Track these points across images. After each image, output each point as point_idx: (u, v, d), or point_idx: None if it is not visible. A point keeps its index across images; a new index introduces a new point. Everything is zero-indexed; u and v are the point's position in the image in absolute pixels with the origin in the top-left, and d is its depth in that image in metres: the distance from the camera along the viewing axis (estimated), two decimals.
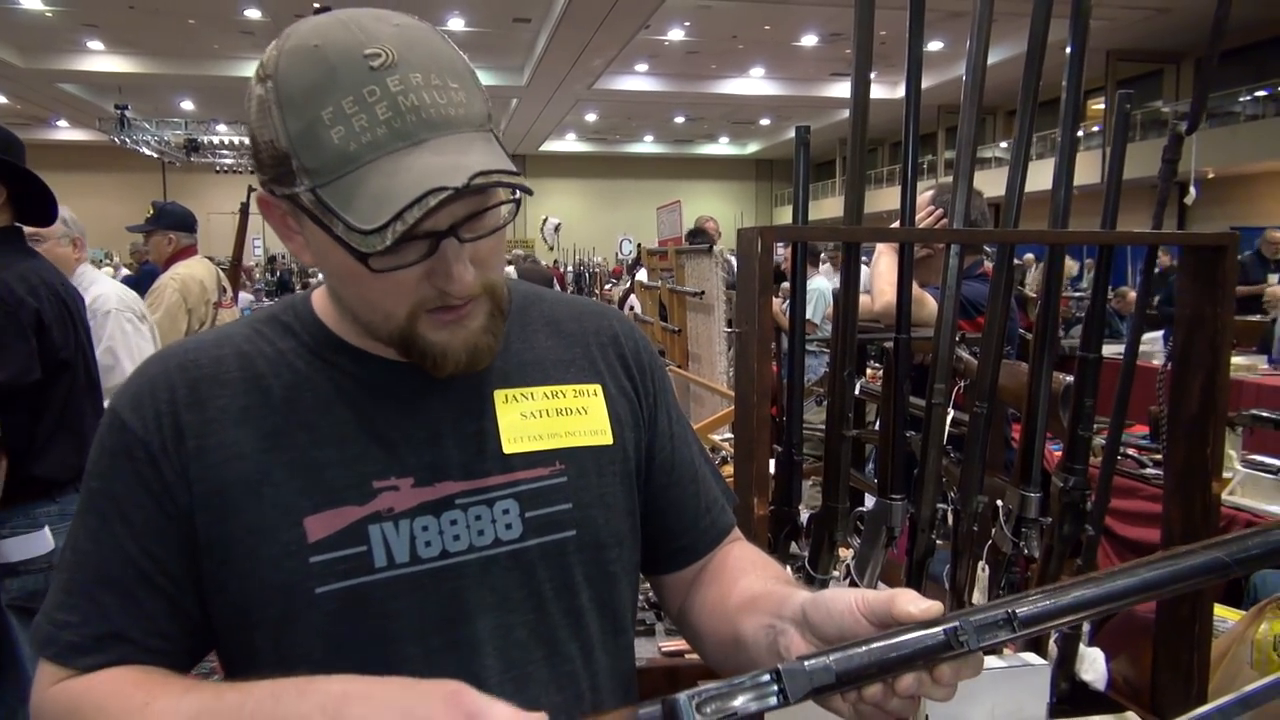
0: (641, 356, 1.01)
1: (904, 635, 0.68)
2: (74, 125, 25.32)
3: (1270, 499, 3.05)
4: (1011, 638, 0.68)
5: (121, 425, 0.83)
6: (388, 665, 0.77)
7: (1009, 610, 0.68)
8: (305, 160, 0.73)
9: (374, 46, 0.73)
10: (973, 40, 1.31)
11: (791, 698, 0.66)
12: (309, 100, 0.73)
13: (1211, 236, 1.36)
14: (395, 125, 0.72)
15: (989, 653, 1.50)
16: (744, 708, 0.65)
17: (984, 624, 0.68)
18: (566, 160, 30.84)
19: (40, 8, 15.96)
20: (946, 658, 0.68)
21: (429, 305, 0.80)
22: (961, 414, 1.50)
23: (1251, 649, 1.68)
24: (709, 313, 3.66)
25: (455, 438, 0.87)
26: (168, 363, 0.86)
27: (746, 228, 1.21)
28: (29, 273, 2.38)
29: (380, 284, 0.77)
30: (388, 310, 0.80)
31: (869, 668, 0.67)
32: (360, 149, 0.72)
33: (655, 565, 1.03)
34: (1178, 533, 1.44)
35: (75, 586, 0.82)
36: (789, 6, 15.62)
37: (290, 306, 0.92)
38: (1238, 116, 17.38)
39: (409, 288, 0.78)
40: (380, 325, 0.82)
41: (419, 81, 0.73)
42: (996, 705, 1.37)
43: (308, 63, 0.74)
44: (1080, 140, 10.32)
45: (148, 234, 4.33)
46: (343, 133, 0.72)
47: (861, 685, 0.68)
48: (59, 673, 0.81)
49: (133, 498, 0.81)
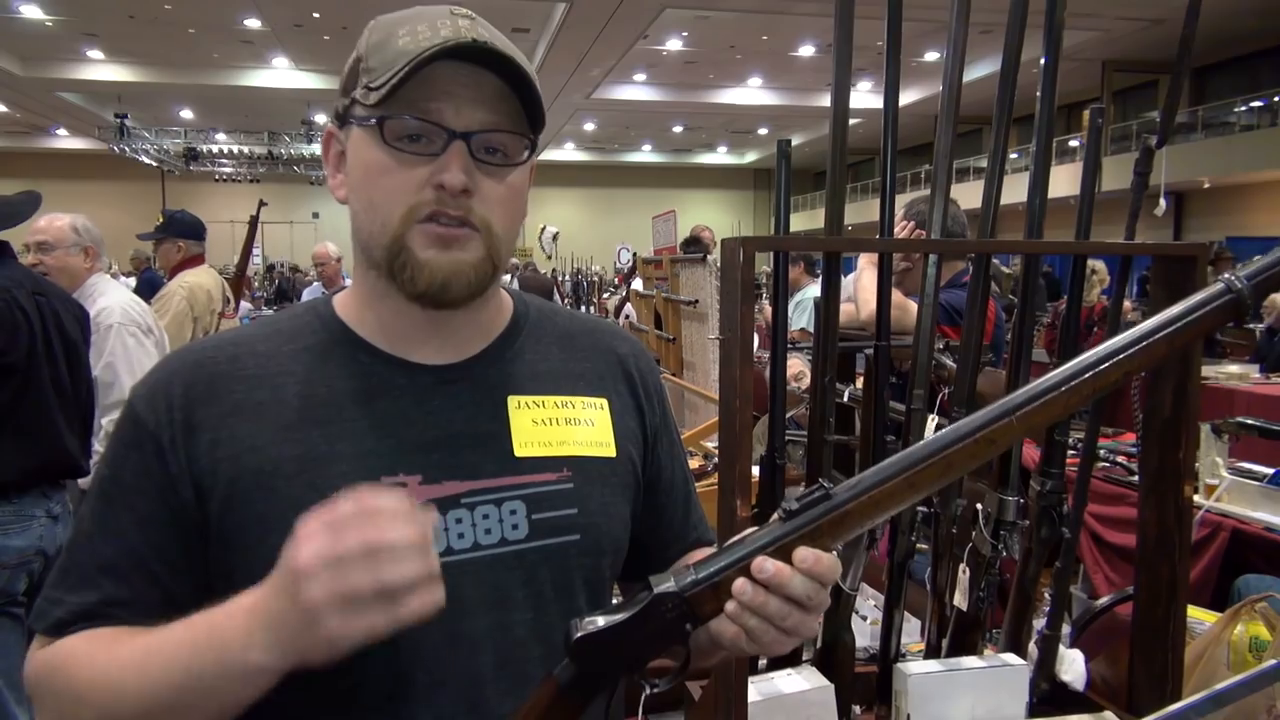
0: (648, 379, 1.05)
1: None
2: (73, 134, 25.36)
3: (1256, 505, 3.08)
4: (829, 506, 0.76)
5: (135, 418, 0.87)
6: (386, 656, 0.81)
7: (821, 481, 0.78)
8: (370, 60, 0.85)
9: (461, 7, 0.88)
10: (948, 58, 1.35)
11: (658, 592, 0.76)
12: (395, 24, 0.86)
13: (1181, 247, 1.40)
14: (451, 41, 0.83)
15: (970, 653, 1.53)
16: (619, 616, 0.76)
17: (803, 495, 0.77)
18: (565, 169, 30.89)
19: (41, 17, 16.02)
20: (788, 539, 0.76)
21: (423, 211, 0.84)
22: (944, 419, 1.54)
23: (1228, 650, 1.71)
24: (703, 321, 3.69)
25: (467, 438, 0.90)
26: (185, 359, 0.90)
27: (729, 238, 1.25)
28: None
29: (389, 180, 0.85)
30: (387, 213, 0.85)
31: (724, 566, 0.76)
32: (417, 48, 0.83)
33: (640, 572, 1.06)
34: (1153, 534, 1.47)
35: (74, 566, 0.86)
36: (786, 17, 15.70)
37: (311, 308, 0.96)
38: (1233, 127, 17.45)
39: (412, 187, 0.84)
40: (377, 237, 0.86)
41: (487, 28, 0.87)
42: (976, 705, 1.41)
43: (398, 12, 0.88)
44: (1075, 150, 10.34)
45: (157, 241, 4.37)
46: (408, 40, 0.84)
47: (721, 580, 0.76)
48: (46, 641, 0.85)
49: (138, 486, 0.85)
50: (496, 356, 0.96)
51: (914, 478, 0.76)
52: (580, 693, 0.76)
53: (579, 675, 0.76)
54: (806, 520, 0.75)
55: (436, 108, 0.83)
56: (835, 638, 1.48)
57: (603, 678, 0.77)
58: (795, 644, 0.79)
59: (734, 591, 0.75)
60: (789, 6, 14.84)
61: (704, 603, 0.76)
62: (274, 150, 23.07)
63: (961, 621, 1.55)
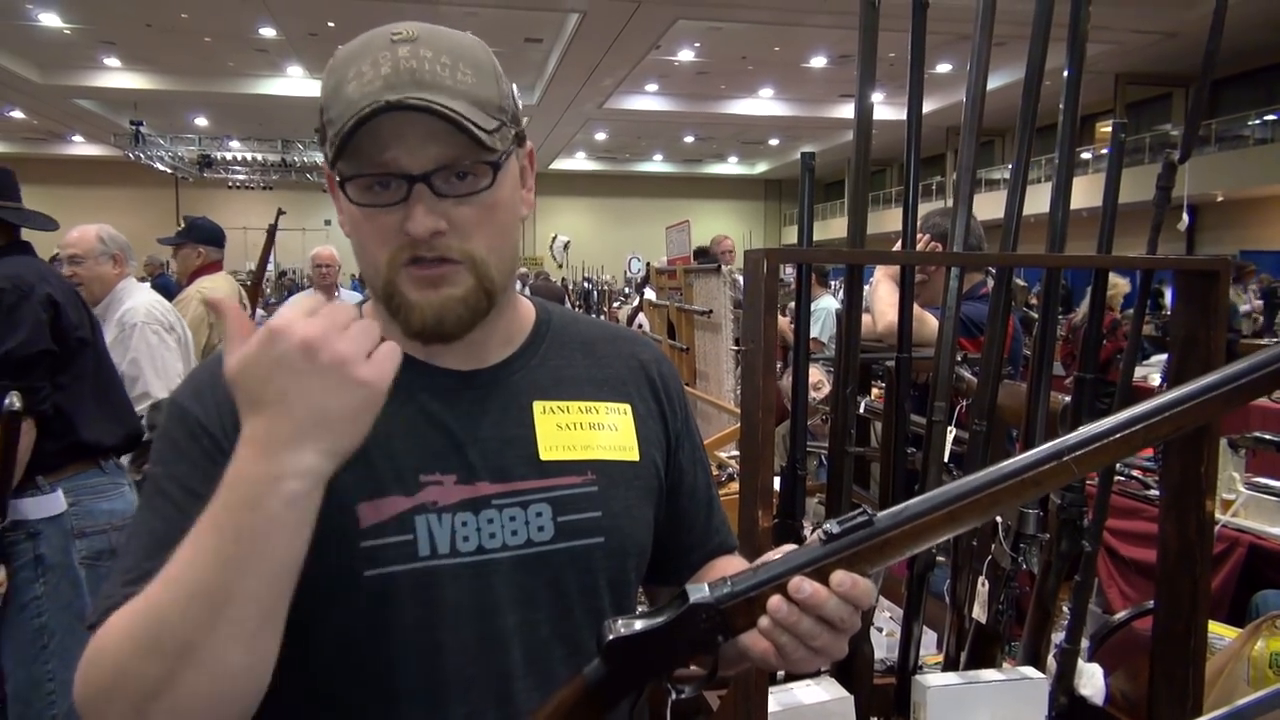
0: (670, 384, 1.06)
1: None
2: (89, 140, 25.55)
3: (1273, 520, 3.07)
4: (871, 532, 0.76)
5: (184, 413, 0.87)
6: (424, 651, 0.82)
7: (864, 507, 0.77)
8: (329, 113, 0.85)
9: (402, 29, 0.86)
10: (972, 68, 1.36)
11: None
12: (342, 65, 0.86)
13: (1204, 261, 1.40)
14: (391, 80, 0.82)
15: (989, 666, 1.52)
16: (653, 623, 0.76)
17: (845, 519, 0.76)
18: (576, 179, 30.96)
19: (59, 25, 16.16)
20: (826, 561, 0.76)
21: (403, 256, 0.85)
22: (963, 432, 1.54)
23: (1248, 666, 1.70)
24: (717, 331, 3.69)
25: (496, 442, 0.91)
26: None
27: (753, 249, 1.26)
28: (39, 265, 2.64)
29: (367, 227, 0.86)
30: (374, 258, 0.87)
31: (760, 582, 0.76)
32: (360, 96, 0.82)
33: (663, 575, 1.07)
34: (1174, 548, 1.47)
35: (132, 565, 0.83)
36: (798, 29, 15.72)
37: None
38: (1247, 140, 17.40)
39: (388, 233, 0.85)
40: (373, 279, 0.88)
41: (427, 55, 0.84)
42: (994, 718, 1.40)
43: (354, 42, 0.88)
44: (1089, 163, 10.27)
45: (177, 247, 4.41)
46: (353, 87, 0.83)
47: (756, 595, 0.76)
48: None
49: (198, 474, 0.83)
50: (521, 363, 0.97)
51: (957, 512, 0.76)
52: (607, 693, 0.77)
53: (608, 676, 0.77)
54: (847, 544, 0.76)
55: (391, 156, 0.83)
56: (854, 649, 1.48)
57: (631, 681, 0.78)
58: (823, 664, 0.80)
59: (769, 608, 0.75)
60: (801, 18, 14.87)
61: (738, 616, 0.76)
62: (287, 158, 23.18)
63: (980, 634, 1.55)
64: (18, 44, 17.13)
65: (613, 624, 0.77)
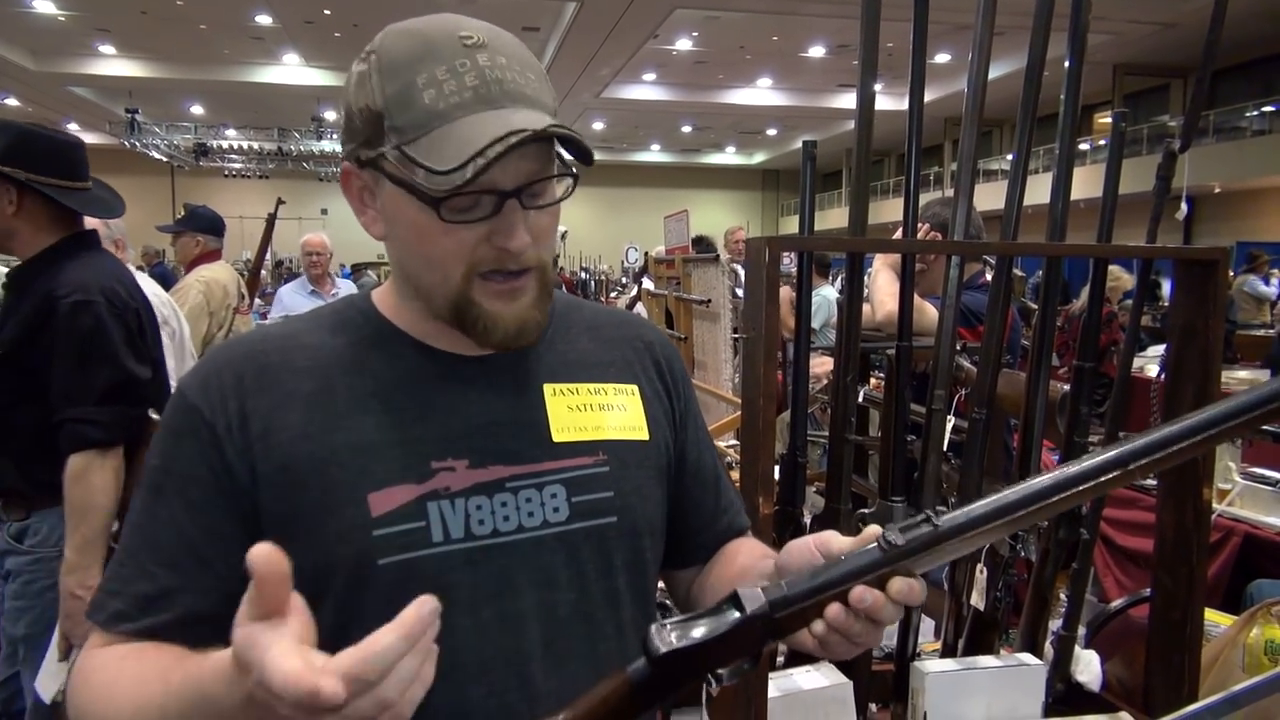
0: (674, 365, 1.08)
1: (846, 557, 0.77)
2: (84, 128, 25.39)
3: (1269, 510, 3.08)
4: (934, 536, 0.74)
5: (188, 406, 0.88)
6: (441, 634, 0.83)
7: (927, 512, 0.76)
8: (396, 119, 0.82)
9: (468, 30, 0.84)
10: (974, 58, 1.36)
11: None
12: (406, 67, 0.82)
13: (1203, 251, 1.41)
14: (482, 92, 0.81)
15: (986, 653, 1.54)
16: (708, 633, 0.74)
17: (906, 525, 0.75)
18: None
19: (53, 11, 16.08)
20: (885, 570, 0.75)
21: (484, 267, 0.85)
22: (962, 421, 1.55)
23: (1243, 653, 1.72)
24: (715, 320, 3.69)
25: (508, 426, 0.92)
26: (236, 350, 0.91)
27: (754, 238, 1.26)
28: (121, 275, 2.32)
29: (445, 240, 0.84)
30: (447, 271, 0.86)
31: (818, 589, 0.75)
32: (449, 108, 0.81)
33: (675, 559, 1.08)
34: (1170, 538, 1.48)
35: (128, 558, 0.86)
36: (797, 18, 15.69)
37: (351, 304, 0.98)
38: (1244, 131, 17.39)
39: (469, 247, 0.85)
40: (438, 289, 0.87)
41: (504, 62, 0.84)
42: (992, 704, 1.41)
43: (408, 38, 0.84)
44: (1086, 153, 10.31)
45: (176, 234, 4.38)
46: (434, 94, 0.81)
47: (812, 604, 0.75)
48: (100, 638, 0.85)
49: (193, 475, 0.86)
50: (529, 347, 0.97)
51: (1016, 519, 0.75)
52: (651, 696, 0.76)
53: (652, 679, 0.75)
54: (907, 551, 0.75)
55: (489, 178, 0.81)
56: None
57: (676, 684, 0.76)
58: (859, 653, 0.80)
59: (828, 615, 0.75)
60: (799, 7, 14.83)
61: (792, 622, 0.76)
62: (284, 146, 23.10)
63: (978, 621, 1.56)
64: (12, 30, 17.04)
65: (662, 631, 0.74)
